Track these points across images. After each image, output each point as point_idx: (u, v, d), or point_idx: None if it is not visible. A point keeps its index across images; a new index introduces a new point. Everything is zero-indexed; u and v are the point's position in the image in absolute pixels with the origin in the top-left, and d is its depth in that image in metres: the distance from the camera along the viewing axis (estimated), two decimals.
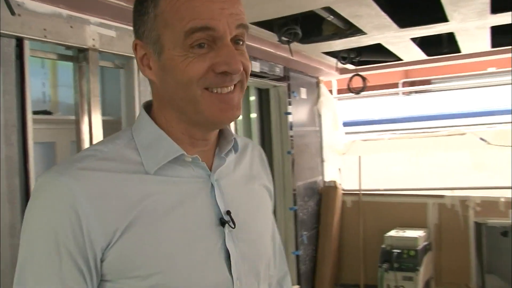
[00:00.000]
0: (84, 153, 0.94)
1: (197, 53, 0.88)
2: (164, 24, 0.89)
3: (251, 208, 1.06)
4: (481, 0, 2.66)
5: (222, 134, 1.04)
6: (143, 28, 0.93)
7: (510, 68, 9.77)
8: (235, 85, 0.92)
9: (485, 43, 3.78)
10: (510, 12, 2.94)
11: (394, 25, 3.05)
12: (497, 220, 3.66)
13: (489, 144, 5.32)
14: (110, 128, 2.41)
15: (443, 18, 2.99)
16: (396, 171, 5.94)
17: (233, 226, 0.96)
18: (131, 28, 2.51)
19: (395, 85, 10.03)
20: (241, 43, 0.92)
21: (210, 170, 0.99)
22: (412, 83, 11.46)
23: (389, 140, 5.94)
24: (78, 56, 2.29)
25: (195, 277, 0.91)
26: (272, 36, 3.24)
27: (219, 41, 0.88)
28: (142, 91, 2.56)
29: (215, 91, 0.90)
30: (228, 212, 0.97)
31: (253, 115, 4.15)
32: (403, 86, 10.17)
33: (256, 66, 3.54)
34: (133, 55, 2.49)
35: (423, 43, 3.85)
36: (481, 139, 5.35)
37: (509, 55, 4.22)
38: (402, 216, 4.47)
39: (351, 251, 4.77)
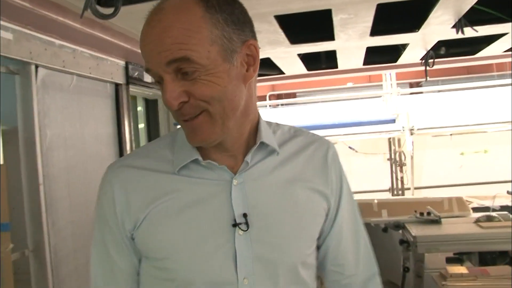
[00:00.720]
0: (136, 150, 1.25)
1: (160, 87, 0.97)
2: None
3: (283, 211, 1.05)
4: (364, 24, 2.96)
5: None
6: None
7: (365, 84, 10.78)
8: (202, 111, 0.95)
9: (359, 61, 4.18)
10: (384, 36, 3.31)
11: (287, 41, 3.25)
12: (374, 219, 4.05)
13: (357, 152, 5.85)
14: (5, 138, 2.25)
15: (330, 37, 3.26)
16: None
17: (245, 229, 1.00)
18: (30, 32, 2.38)
19: (263, 98, 10.50)
20: (189, 73, 0.91)
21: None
22: (279, 96, 12.04)
23: None
24: None
25: (199, 269, 1.01)
26: None
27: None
28: (40, 99, 2.42)
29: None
30: (245, 215, 1.01)
31: (141, 125, 4.10)
32: (270, 99, 10.69)
33: (147, 77, 3.52)
34: (31, 61, 2.36)
35: (304, 58, 4.13)
36: (350, 147, 5.86)
37: (376, 72, 4.71)
38: None
39: None
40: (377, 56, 4.20)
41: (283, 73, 4.57)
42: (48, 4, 2.27)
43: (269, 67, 4.31)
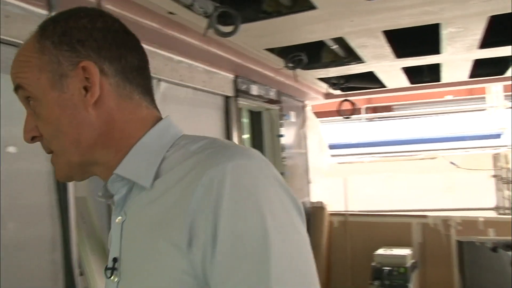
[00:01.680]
0: None
1: None
2: None
3: (141, 267, 0.81)
4: (473, 37, 2.92)
5: None
6: None
7: (466, 96, 10.35)
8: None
9: (465, 73, 4.08)
10: (493, 48, 3.23)
11: (392, 55, 3.26)
12: (482, 237, 3.92)
13: (459, 167, 5.67)
14: None
15: (435, 50, 3.24)
16: (373, 192, 6.19)
17: (109, 276, 0.86)
18: (154, 49, 2.57)
19: (359, 111, 10.41)
20: (32, 106, 0.86)
21: None
22: (374, 109, 11.89)
23: (369, 163, 6.23)
24: None
25: None
26: (273, 61, 3.40)
27: None
28: (161, 111, 2.63)
29: None
30: (115, 260, 0.86)
31: (245, 136, 4.26)
32: (366, 112, 10.57)
33: (254, 89, 3.68)
34: (154, 75, 2.55)
35: (406, 71, 4.11)
36: (451, 163, 5.69)
37: (482, 85, 4.57)
38: (388, 235, 4.66)
39: (340, 269, 4.93)
40: (483, 68, 4.08)
41: (384, 86, 4.57)
42: (174, 24, 2.48)
43: (370, 80, 4.33)
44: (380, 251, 4.41)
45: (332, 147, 5.66)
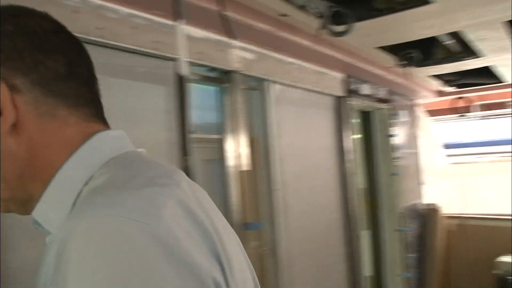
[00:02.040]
0: None
1: None
2: None
3: None
4: None
5: None
6: None
7: None
8: None
9: None
10: None
11: None
12: None
13: None
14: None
15: None
16: (492, 194, 5.81)
17: None
18: (266, 51, 2.65)
19: (466, 109, 9.83)
20: None
21: None
22: (488, 106, 11.16)
23: (486, 163, 5.90)
24: (223, 77, 2.41)
25: None
26: (384, 59, 3.35)
27: None
28: (275, 112, 2.69)
29: None
30: None
31: (357, 136, 4.19)
32: (481, 109, 9.96)
33: (364, 89, 3.63)
34: (267, 77, 2.59)
35: None
36: None
37: None
38: (510, 241, 4.33)
39: (459, 275, 4.70)
40: None
41: (500, 82, 4.30)
42: (285, 26, 2.54)
43: (484, 76, 4.10)
44: (504, 259, 4.13)
45: (444, 146, 5.43)
